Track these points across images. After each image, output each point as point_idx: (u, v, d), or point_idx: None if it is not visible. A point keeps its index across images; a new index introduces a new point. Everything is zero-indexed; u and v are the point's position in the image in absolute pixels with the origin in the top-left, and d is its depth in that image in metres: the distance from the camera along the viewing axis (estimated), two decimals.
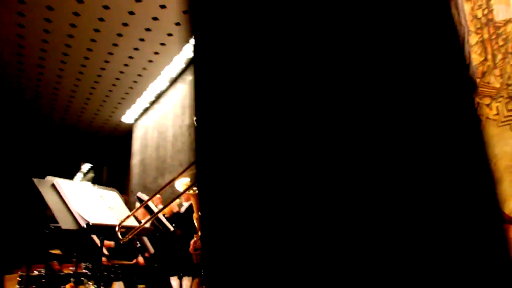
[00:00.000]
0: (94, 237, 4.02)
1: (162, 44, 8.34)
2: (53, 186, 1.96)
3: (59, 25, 7.67)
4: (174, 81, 9.90)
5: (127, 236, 1.89)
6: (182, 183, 3.26)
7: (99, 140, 14.50)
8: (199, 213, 3.21)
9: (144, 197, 3.42)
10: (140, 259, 4.25)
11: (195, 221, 3.28)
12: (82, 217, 1.91)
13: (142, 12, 7.24)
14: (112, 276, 3.93)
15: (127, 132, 13.19)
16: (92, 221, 1.97)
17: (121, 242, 3.32)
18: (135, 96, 11.04)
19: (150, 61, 9.07)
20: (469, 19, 3.34)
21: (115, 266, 4.03)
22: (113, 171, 14.48)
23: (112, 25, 7.62)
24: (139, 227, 1.89)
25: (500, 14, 3.12)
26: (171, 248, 4.10)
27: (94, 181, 15.71)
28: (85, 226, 1.88)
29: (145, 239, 3.89)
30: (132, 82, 10.20)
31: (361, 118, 0.58)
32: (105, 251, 4.12)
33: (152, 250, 3.82)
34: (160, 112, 10.71)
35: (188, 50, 8.54)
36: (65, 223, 1.93)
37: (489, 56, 3.13)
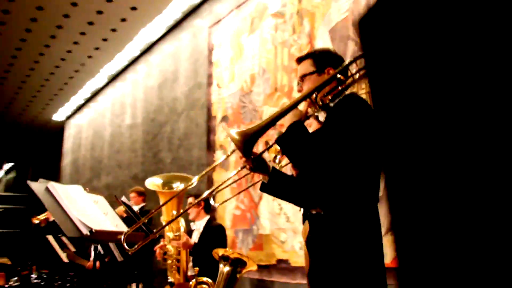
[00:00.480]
0: (50, 238, 3.72)
1: (104, 39, 8.00)
2: (47, 190, 1.75)
3: None
4: (113, 79, 9.52)
5: (135, 247, 1.74)
6: (154, 184, 3.13)
7: (25, 137, 13.54)
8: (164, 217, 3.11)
9: (127, 201, 3.23)
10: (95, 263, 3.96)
11: (164, 224, 3.17)
12: (83, 224, 1.72)
13: (85, 5, 6.90)
14: (68, 285, 3.66)
15: (57, 130, 12.45)
16: (95, 227, 1.78)
17: (130, 254, 3.12)
18: (69, 93, 10.47)
19: (90, 56, 8.66)
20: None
21: (70, 275, 3.75)
22: (40, 171, 13.58)
23: (52, 15, 7.18)
24: (150, 236, 1.75)
25: None
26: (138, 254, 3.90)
27: (17, 181, 14.64)
28: (88, 233, 1.68)
29: (113, 245, 3.65)
30: (67, 78, 9.67)
31: None
32: (64, 257, 3.83)
33: (120, 257, 3.60)
34: (96, 110, 10.25)
35: (131, 48, 8.26)
36: (69, 231, 1.72)
37: None
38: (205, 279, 2.78)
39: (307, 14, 4.82)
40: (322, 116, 1.76)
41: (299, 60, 1.91)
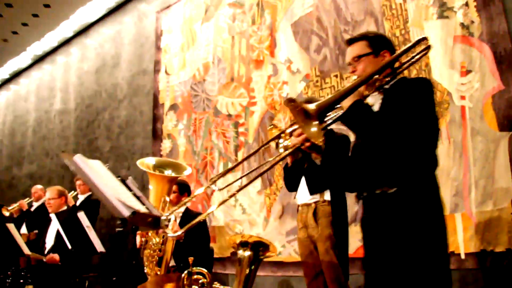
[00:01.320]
0: (11, 227, 3.26)
1: (35, 15, 7.31)
2: (75, 163, 1.43)
3: None
4: (40, 60, 8.76)
5: (182, 231, 1.54)
6: (144, 163, 2.87)
7: None
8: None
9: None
10: (56, 257, 3.52)
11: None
12: (124, 204, 1.42)
13: None
14: (21, 281, 3.22)
15: None
16: (137, 208, 1.49)
17: (177, 239, 2.79)
18: None
19: (15, 32, 7.87)
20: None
21: (24, 269, 3.31)
22: None
23: None
24: (198, 220, 1.55)
25: (415, 36, 3.56)
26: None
27: None
28: (130, 215, 1.40)
29: (93, 235, 3.25)
30: None
31: None
32: (26, 249, 3.37)
33: (101, 248, 3.23)
34: (17, 93, 9.36)
35: (65, 28, 7.65)
36: (116, 211, 1.42)
37: (405, 71, 3.54)
38: (193, 268, 2.63)
39: (268, 6, 4.81)
40: (374, 97, 1.76)
41: (351, 41, 1.89)
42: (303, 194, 2.77)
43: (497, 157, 3.04)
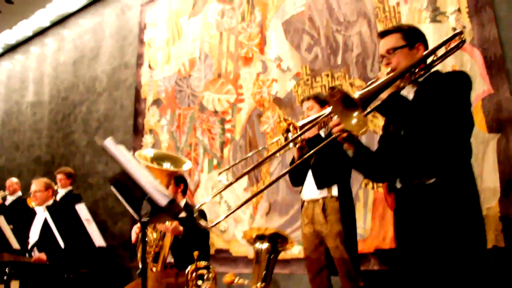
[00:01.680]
0: (1, 220, 3.05)
1: (8, 1, 6.99)
2: (106, 148, 1.33)
3: None
4: (11, 49, 8.41)
5: (214, 224, 1.49)
6: (142, 155, 2.74)
7: None
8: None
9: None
10: (43, 256, 3.30)
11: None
12: (160, 191, 1.32)
13: None
14: (5, 277, 3.04)
15: None
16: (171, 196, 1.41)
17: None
18: None
19: None
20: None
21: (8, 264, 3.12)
22: None
23: None
24: (229, 213, 1.48)
25: None
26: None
27: None
28: (167, 204, 1.31)
29: (93, 228, 3.06)
30: None
31: None
32: (15, 244, 3.17)
33: (101, 243, 3.06)
34: None
35: (41, 17, 7.37)
36: (153, 198, 1.31)
37: None
38: (198, 263, 2.57)
39: (259, 3, 4.79)
40: (406, 89, 1.77)
41: (384, 33, 1.88)
42: (309, 190, 2.74)
43: (486, 158, 3.13)
